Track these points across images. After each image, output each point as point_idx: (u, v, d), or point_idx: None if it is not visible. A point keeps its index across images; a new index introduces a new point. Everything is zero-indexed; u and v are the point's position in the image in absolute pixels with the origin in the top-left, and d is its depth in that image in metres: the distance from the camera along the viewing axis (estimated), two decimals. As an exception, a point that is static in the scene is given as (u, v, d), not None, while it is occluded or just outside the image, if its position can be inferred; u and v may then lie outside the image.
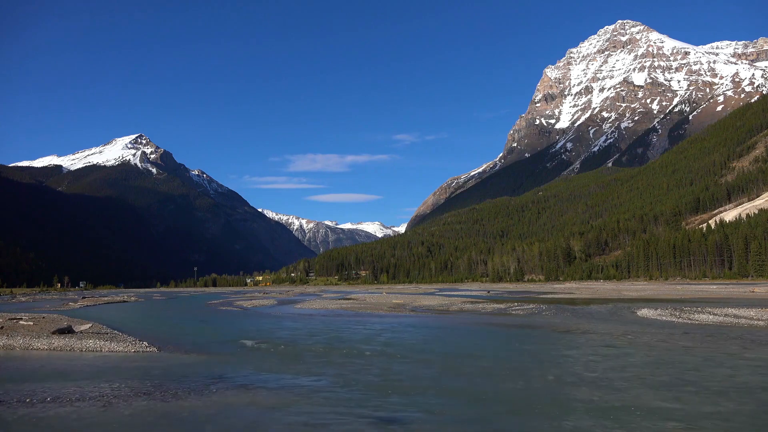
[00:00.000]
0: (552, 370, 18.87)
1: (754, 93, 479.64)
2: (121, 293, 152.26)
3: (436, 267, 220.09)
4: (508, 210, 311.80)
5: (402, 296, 78.19)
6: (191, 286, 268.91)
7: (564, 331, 30.60)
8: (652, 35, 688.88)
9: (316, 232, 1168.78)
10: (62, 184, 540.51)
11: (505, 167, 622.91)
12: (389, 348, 24.62)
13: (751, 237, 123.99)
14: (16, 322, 34.45)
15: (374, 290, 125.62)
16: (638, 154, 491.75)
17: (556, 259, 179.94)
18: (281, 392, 15.83)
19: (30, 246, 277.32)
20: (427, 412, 13.76)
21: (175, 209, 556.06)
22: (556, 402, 14.39)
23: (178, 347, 26.13)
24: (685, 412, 13.15)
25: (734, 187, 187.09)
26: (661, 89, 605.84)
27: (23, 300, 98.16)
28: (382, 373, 18.71)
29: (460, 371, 19.19)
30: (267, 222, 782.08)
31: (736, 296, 59.83)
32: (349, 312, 49.39)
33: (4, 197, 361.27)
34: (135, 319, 49.40)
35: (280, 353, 23.83)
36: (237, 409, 13.96)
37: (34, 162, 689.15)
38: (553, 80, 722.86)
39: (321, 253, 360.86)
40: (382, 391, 15.85)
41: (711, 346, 23.17)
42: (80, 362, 21.46)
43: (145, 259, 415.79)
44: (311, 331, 32.73)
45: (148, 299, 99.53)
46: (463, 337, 29.97)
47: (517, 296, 78.41)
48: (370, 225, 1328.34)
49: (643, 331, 28.74)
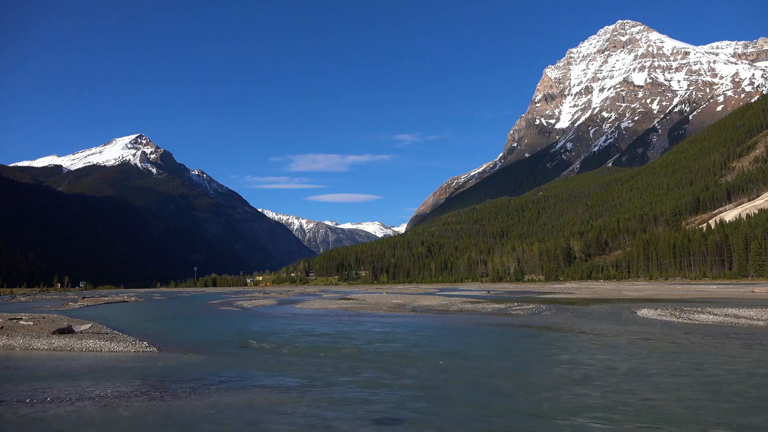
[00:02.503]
0: (552, 370, 18.88)
1: (754, 93, 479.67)
2: (121, 293, 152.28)
3: (436, 267, 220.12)
4: (508, 210, 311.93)
5: (402, 296, 78.19)
6: (191, 286, 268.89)
7: (564, 331, 30.61)
8: (652, 35, 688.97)
9: (316, 232, 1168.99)
10: (62, 184, 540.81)
11: (505, 167, 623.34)
12: (389, 348, 24.63)
13: (751, 237, 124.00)
14: (16, 322, 34.46)
15: (374, 290, 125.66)
16: (638, 154, 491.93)
17: (556, 259, 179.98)
18: (281, 392, 15.83)
19: (30, 246, 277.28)
20: (427, 411, 13.76)
21: (175, 209, 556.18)
22: (556, 402, 14.39)
23: (178, 347, 26.14)
24: (685, 412, 13.16)
25: (734, 187, 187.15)
26: (661, 89, 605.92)
27: (23, 300, 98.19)
28: (382, 373, 18.71)
29: (461, 371, 19.19)
30: (267, 222, 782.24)
31: (736, 296, 59.82)
32: (349, 312, 49.40)
33: (4, 197, 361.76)
34: (135, 319, 49.39)
35: (280, 353, 23.83)
36: (237, 409, 13.95)
37: (34, 162, 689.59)
38: (553, 80, 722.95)
39: (321, 253, 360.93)
40: (382, 391, 15.85)
41: (711, 346, 23.17)
42: (80, 362, 21.45)
43: (145, 259, 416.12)
44: (311, 332, 32.75)
45: (148, 299, 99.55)
46: (463, 337, 29.96)
47: (517, 296, 78.41)
48: (370, 225, 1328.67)
49: (643, 331, 28.75)
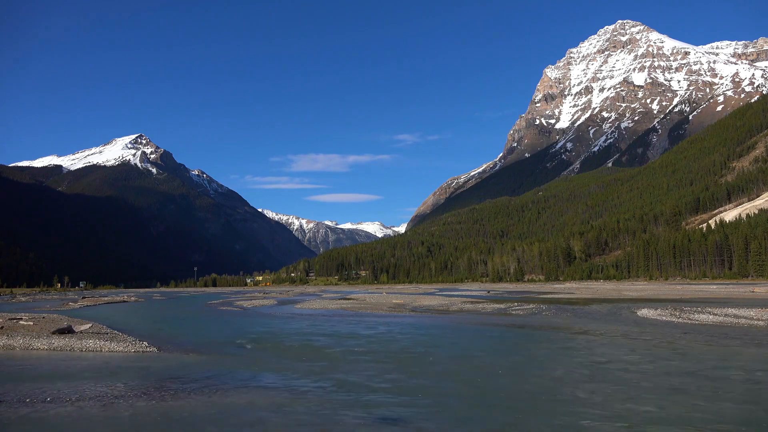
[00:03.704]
0: (552, 370, 18.88)
1: (754, 93, 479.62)
2: (121, 293, 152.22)
3: (436, 267, 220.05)
4: (508, 210, 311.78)
5: (402, 296, 78.16)
6: (191, 286, 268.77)
7: (564, 331, 30.61)
8: (652, 35, 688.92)
9: (316, 232, 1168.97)
10: (62, 184, 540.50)
11: (505, 167, 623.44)
12: (389, 348, 24.64)
13: (751, 237, 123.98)
14: (16, 322, 34.45)
15: (374, 290, 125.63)
16: (638, 154, 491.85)
17: (556, 259, 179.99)
18: (281, 392, 15.83)
19: (30, 246, 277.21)
20: (427, 411, 13.76)
21: (175, 209, 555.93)
22: (556, 402, 14.39)
23: (178, 347, 26.14)
24: (685, 412, 13.16)
25: (734, 187, 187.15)
26: (661, 89, 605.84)
27: (23, 300, 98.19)
28: (382, 373, 18.71)
29: (460, 371, 19.19)
30: (267, 222, 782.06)
31: (736, 296, 59.79)
32: (349, 312, 49.39)
33: (4, 197, 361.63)
34: (135, 319, 49.40)
35: (279, 353, 23.84)
36: (237, 409, 13.96)
37: (34, 162, 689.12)
38: (553, 80, 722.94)
39: (321, 253, 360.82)
40: (381, 391, 15.86)
41: (711, 346, 23.17)
42: (80, 362, 21.44)
43: (145, 259, 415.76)
44: (311, 331, 32.74)
45: (148, 299, 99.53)
46: (463, 337, 29.96)
47: (517, 296, 78.38)
48: (370, 225, 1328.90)
49: (643, 331, 28.75)
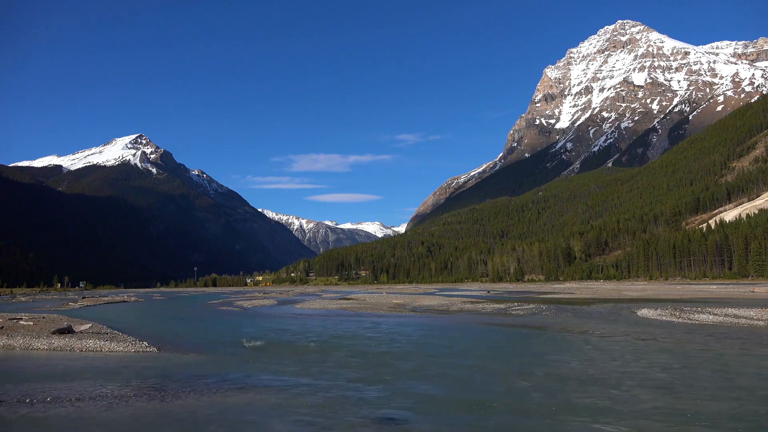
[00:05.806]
0: (552, 369, 18.87)
1: (754, 93, 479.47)
2: (121, 293, 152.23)
3: (436, 267, 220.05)
4: (508, 210, 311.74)
5: (402, 296, 78.16)
6: (191, 286, 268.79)
7: (564, 331, 30.61)
8: (652, 35, 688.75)
9: (316, 232, 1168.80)
10: (62, 184, 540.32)
11: (505, 167, 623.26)
12: (389, 348, 24.64)
13: (751, 237, 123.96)
14: (16, 322, 34.45)
15: (374, 290, 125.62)
16: (638, 154, 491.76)
17: (556, 259, 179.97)
18: (281, 392, 15.83)
19: (30, 246, 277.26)
20: (427, 411, 13.76)
21: (175, 209, 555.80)
22: (556, 402, 14.38)
23: (178, 347, 26.14)
24: (685, 412, 13.16)
25: (734, 187, 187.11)
26: (661, 89, 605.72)
27: (23, 300, 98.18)
28: (382, 373, 18.72)
29: (460, 371, 19.18)
30: (267, 222, 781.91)
31: (736, 296, 59.78)
32: (349, 312, 49.39)
33: (4, 197, 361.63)
34: (135, 319, 49.40)
35: (279, 353, 23.83)
36: (237, 409, 13.96)
37: (34, 162, 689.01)
38: (553, 80, 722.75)
39: (321, 253, 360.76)
40: (381, 391, 15.86)
41: (711, 346, 23.17)
42: (80, 362, 21.44)
43: (145, 259, 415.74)
44: (311, 331, 32.75)
45: (148, 299, 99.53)
46: (463, 337, 29.96)
47: (517, 296, 78.38)
48: (370, 225, 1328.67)
49: (643, 331, 28.74)
